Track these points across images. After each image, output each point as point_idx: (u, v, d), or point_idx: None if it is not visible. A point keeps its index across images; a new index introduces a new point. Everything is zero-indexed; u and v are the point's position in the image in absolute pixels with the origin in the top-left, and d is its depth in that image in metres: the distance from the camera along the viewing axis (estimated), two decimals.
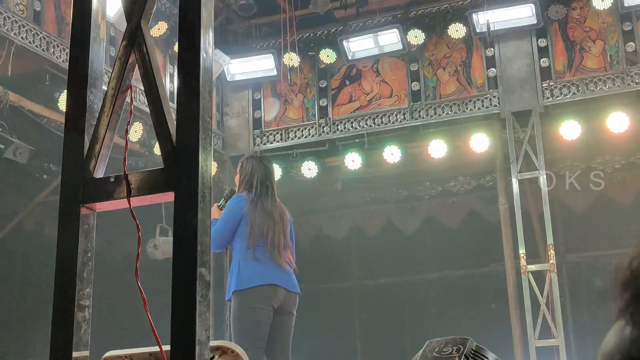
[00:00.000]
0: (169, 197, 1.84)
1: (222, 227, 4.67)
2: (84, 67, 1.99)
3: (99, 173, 1.93)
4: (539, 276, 8.29)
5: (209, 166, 1.85)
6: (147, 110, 1.94)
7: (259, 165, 4.88)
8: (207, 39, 1.89)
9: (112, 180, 1.89)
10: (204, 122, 1.84)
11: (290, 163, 9.44)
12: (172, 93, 7.99)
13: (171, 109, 1.90)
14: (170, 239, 8.86)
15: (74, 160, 1.93)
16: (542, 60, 8.64)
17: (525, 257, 8.26)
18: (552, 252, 8.17)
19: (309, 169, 9.40)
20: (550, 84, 8.57)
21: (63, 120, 6.28)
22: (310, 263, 4.85)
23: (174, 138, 1.84)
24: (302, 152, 9.47)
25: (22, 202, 9.30)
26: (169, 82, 8.64)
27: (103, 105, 1.96)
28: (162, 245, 8.83)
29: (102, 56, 2.05)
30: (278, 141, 9.55)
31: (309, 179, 9.48)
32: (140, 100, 6.62)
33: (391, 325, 10.90)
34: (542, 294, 8.08)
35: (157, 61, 1.96)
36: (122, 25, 2.03)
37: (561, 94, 8.52)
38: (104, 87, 2.01)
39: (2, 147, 6.80)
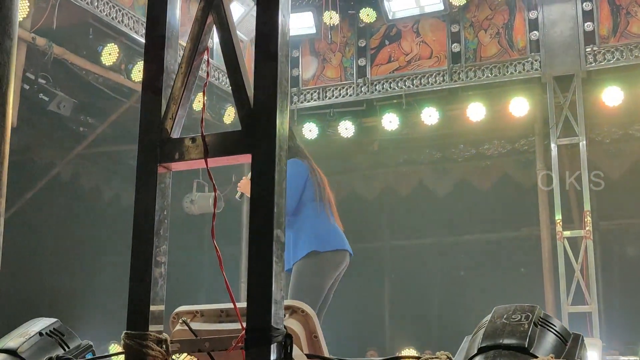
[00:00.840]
0: (246, 158, 1.87)
1: (289, 193, 4.61)
2: (161, 27, 2.01)
3: (176, 133, 1.96)
4: (574, 242, 8.27)
5: (286, 129, 1.87)
6: (211, 80, 1.96)
7: (289, 129, 4.89)
8: (286, 5, 1.90)
9: (189, 140, 1.92)
10: (282, 86, 1.86)
11: (327, 122, 9.44)
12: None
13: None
14: (207, 194, 8.99)
15: (151, 120, 1.97)
16: (586, 24, 8.50)
17: (561, 223, 8.22)
18: (588, 219, 8.13)
19: (346, 128, 9.40)
20: (594, 48, 8.45)
21: (105, 74, 6.28)
22: (341, 222, 4.84)
23: (251, 101, 1.87)
24: (339, 111, 9.47)
25: (60, 154, 9.43)
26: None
27: (180, 67, 1.98)
28: (198, 201, 8.92)
29: (178, 17, 2.07)
30: (315, 100, 9.54)
31: (346, 138, 9.48)
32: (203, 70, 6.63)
33: (420, 286, 10.96)
34: (577, 260, 8.07)
35: (234, 24, 1.98)
36: None
37: (604, 59, 8.40)
38: (181, 50, 2.03)
39: (47, 99, 6.87)
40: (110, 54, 7.21)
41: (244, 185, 4.68)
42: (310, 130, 9.39)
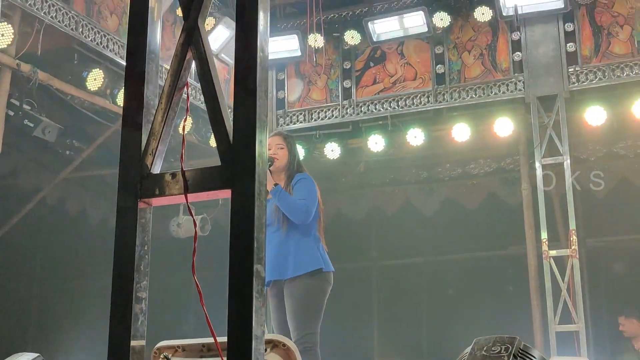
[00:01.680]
0: (225, 194, 1.88)
1: (314, 202, 4.63)
2: (141, 62, 2.02)
3: (156, 168, 1.97)
4: (560, 261, 8.30)
5: (265, 164, 1.88)
6: (197, 104, 1.98)
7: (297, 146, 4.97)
8: (265, 38, 1.92)
9: (169, 176, 1.93)
10: (261, 121, 1.87)
11: (313, 144, 9.47)
12: None
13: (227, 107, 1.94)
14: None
15: (131, 156, 1.97)
16: (568, 44, 8.59)
17: (547, 242, 8.26)
18: (574, 238, 8.17)
19: (332, 150, 9.43)
20: (577, 69, 8.53)
21: (90, 99, 6.32)
22: (328, 243, 4.86)
23: (230, 136, 1.88)
24: (325, 133, 9.50)
25: (47, 178, 9.42)
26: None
27: (160, 102, 2.00)
28: (185, 224, 8.92)
29: (158, 50, 2.08)
30: (301, 122, 9.57)
31: (332, 160, 9.51)
32: (190, 95, 6.66)
33: (408, 305, 10.97)
34: (563, 279, 8.10)
35: (213, 59, 1.99)
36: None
37: (587, 79, 8.48)
38: (161, 83, 2.05)
39: (32, 125, 6.86)
40: (95, 79, 7.22)
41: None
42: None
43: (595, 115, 8.39)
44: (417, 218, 10.71)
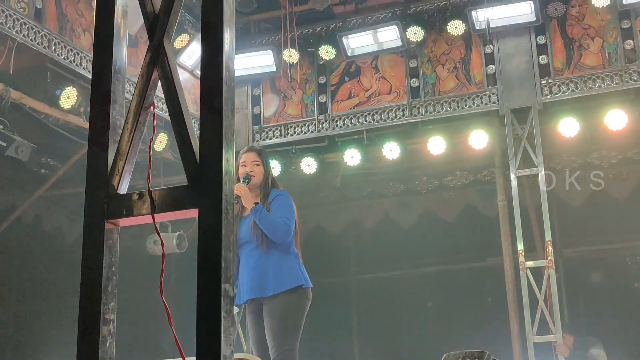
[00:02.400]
0: (192, 213, 1.88)
1: (293, 220, 4.63)
2: (106, 83, 2.02)
3: (123, 189, 1.96)
4: (537, 272, 8.34)
5: (232, 183, 1.88)
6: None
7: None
8: (230, 57, 1.92)
9: (136, 196, 1.93)
10: (227, 140, 1.87)
11: (289, 159, 9.46)
12: None
13: (194, 126, 1.94)
14: (170, 234, 8.93)
15: (97, 177, 1.97)
16: (540, 57, 8.67)
17: (523, 253, 8.31)
18: (550, 249, 8.22)
19: (309, 165, 9.43)
20: (549, 81, 8.61)
21: (64, 117, 6.28)
22: (307, 257, 4.86)
23: (197, 156, 1.88)
24: (301, 148, 9.50)
25: (22, 197, 9.33)
26: None
27: (126, 122, 1.99)
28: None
29: (124, 69, 2.08)
30: (277, 137, 9.57)
31: (308, 175, 9.51)
32: (164, 110, 6.63)
33: (388, 318, 10.97)
34: (540, 290, 8.14)
35: (179, 78, 1.99)
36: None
37: (560, 91, 8.57)
38: (127, 103, 2.04)
39: (4, 144, 6.81)
40: (68, 97, 7.18)
41: (242, 191, 4.63)
42: (273, 168, 9.38)
43: (568, 127, 8.47)
44: (395, 231, 10.74)
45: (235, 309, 4.66)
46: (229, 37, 1.92)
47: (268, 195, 4.69)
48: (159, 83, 2.01)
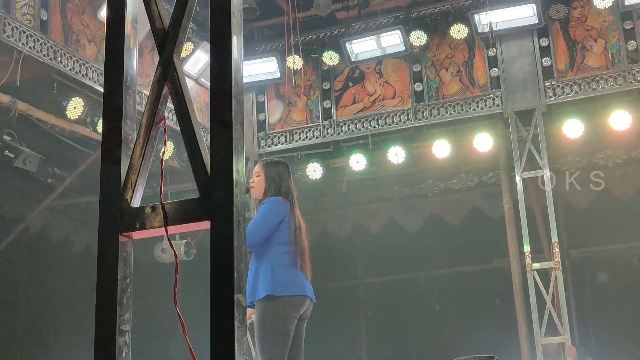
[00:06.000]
0: (205, 225, 1.91)
1: (259, 227, 4.58)
2: (118, 98, 2.06)
3: (136, 202, 2.00)
4: (544, 274, 8.36)
5: (243, 194, 1.92)
6: (178, 128, 2.01)
7: (284, 171, 4.88)
8: (239, 72, 1.96)
9: (149, 209, 1.96)
10: (237, 152, 1.91)
11: (295, 165, 9.49)
12: None
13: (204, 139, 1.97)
14: (177, 242, 8.97)
15: (111, 190, 2.00)
16: (544, 59, 8.70)
17: (530, 255, 8.32)
18: (556, 250, 8.24)
19: (314, 170, 9.47)
20: (553, 83, 8.64)
21: (70, 128, 6.32)
22: (314, 262, 4.86)
23: (208, 169, 1.91)
24: (306, 154, 9.53)
25: (29, 207, 9.38)
26: None
27: (138, 136, 2.03)
28: (169, 249, 8.89)
29: (135, 87, 2.12)
30: (282, 143, 9.61)
31: (314, 180, 9.54)
32: (171, 120, 6.64)
33: (396, 322, 10.99)
34: (547, 291, 8.15)
35: (189, 93, 2.03)
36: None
37: (563, 92, 8.59)
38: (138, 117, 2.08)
39: (12, 156, 6.86)
40: (75, 107, 7.23)
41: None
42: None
43: (573, 128, 8.49)
44: (401, 235, 10.76)
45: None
46: (237, 52, 1.96)
47: None
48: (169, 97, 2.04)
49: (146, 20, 2.12)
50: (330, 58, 9.34)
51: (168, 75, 2.02)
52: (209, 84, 1.95)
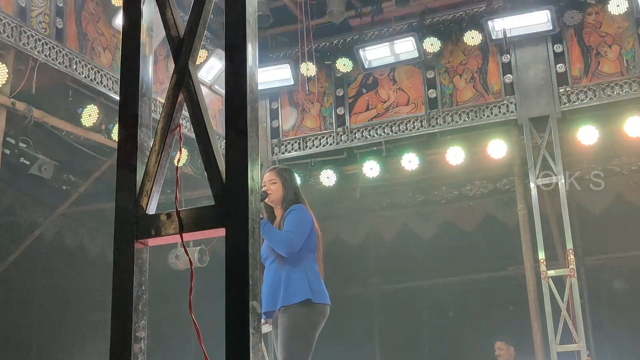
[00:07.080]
0: (220, 232, 1.91)
1: (301, 233, 4.59)
2: (134, 106, 2.07)
3: (151, 209, 2.01)
4: (559, 281, 8.32)
5: (258, 201, 1.92)
6: (192, 135, 2.02)
7: (297, 179, 4.97)
8: (254, 79, 1.97)
9: (164, 216, 1.97)
10: (252, 160, 1.91)
11: (308, 172, 9.50)
12: None
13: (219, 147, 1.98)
14: (191, 249, 8.98)
15: (127, 198, 2.01)
16: (558, 65, 8.67)
17: (545, 262, 8.28)
18: (571, 257, 8.19)
19: (328, 177, 9.47)
20: (567, 89, 8.61)
21: (85, 135, 6.36)
22: (327, 269, 4.87)
23: (223, 176, 1.92)
24: (320, 160, 9.54)
25: (44, 214, 9.43)
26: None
27: (153, 144, 2.04)
28: (183, 255, 8.90)
29: (151, 95, 2.13)
30: (296, 150, 9.62)
31: (328, 187, 9.54)
32: (185, 127, 6.66)
33: (409, 329, 10.95)
34: (562, 299, 8.11)
35: (204, 100, 2.04)
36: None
37: (578, 99, 8.56)
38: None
39: (28, 163, 6.90)
40: (90, 115, 7.27)
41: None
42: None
43: (587, 135, 8.45)
44: (415, 242, 10.73)
45: (267, 327, 4.66)
46: (252, 59, 1.96)
47: (286, 211, 4.74)
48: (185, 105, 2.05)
49: (160, 28, 2.14)
50: (343, 65, 9.35)
51: (183, 82, 2.03)
52: (222, 91, 1.96)
